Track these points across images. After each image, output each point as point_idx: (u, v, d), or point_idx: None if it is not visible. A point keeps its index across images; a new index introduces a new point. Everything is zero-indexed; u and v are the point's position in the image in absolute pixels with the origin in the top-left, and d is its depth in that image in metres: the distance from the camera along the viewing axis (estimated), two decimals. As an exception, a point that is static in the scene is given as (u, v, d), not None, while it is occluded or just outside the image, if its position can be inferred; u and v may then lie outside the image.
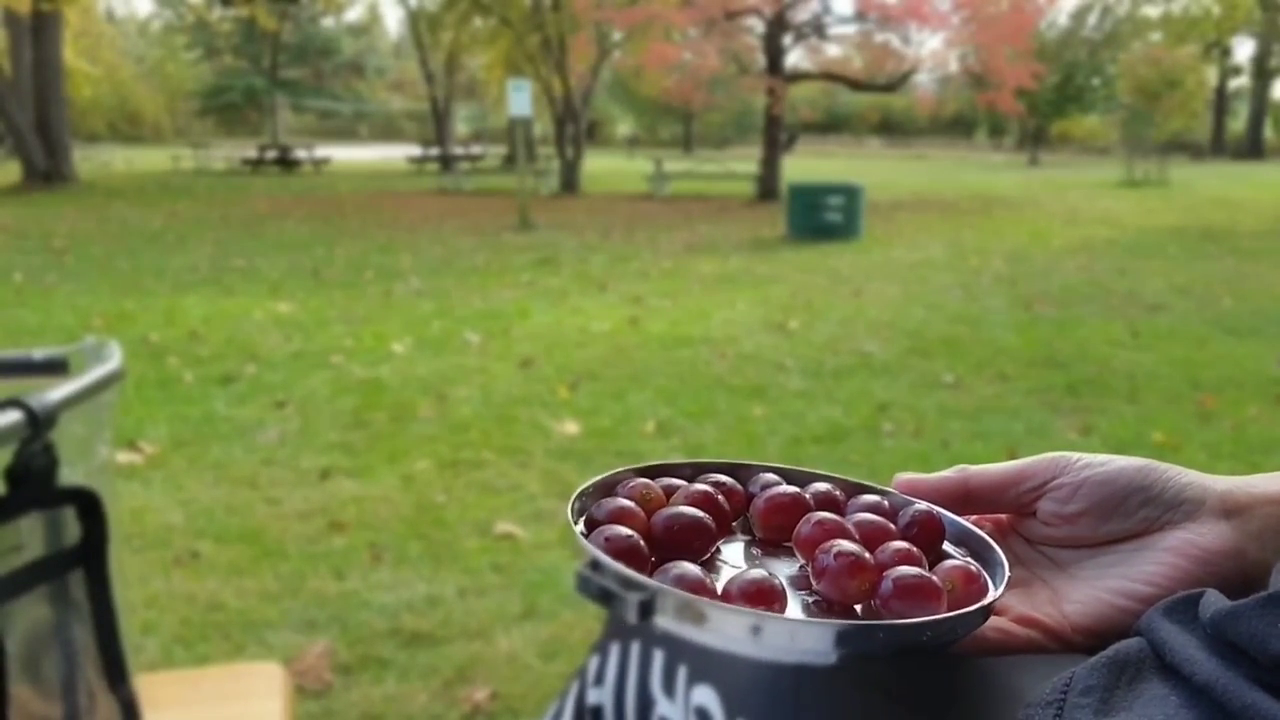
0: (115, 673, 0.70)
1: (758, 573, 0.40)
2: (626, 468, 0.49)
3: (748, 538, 0.48)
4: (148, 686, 0.87)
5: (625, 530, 0.42)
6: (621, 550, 0.41)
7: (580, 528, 0.43)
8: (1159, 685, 0.35)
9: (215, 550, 3.01)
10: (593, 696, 0.54)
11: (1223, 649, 0.34)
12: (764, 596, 0.39)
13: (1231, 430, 4.22)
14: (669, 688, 0.47)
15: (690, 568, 0.40)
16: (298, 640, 2.48)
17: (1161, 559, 0.43)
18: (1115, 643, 0.39)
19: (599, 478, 0.48)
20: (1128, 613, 0.42)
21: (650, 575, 0.39)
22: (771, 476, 0.51)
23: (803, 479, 0.51)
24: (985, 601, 0.40)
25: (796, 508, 0.46)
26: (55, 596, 0.65)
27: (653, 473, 0.50)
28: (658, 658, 0.48)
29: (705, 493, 0.47)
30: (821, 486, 0.50)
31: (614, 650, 0.53)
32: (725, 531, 0.47)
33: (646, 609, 0.37)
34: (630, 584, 0.38)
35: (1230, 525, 0.43)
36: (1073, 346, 5.80)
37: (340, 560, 2.94)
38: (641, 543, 0.42)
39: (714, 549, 0.45)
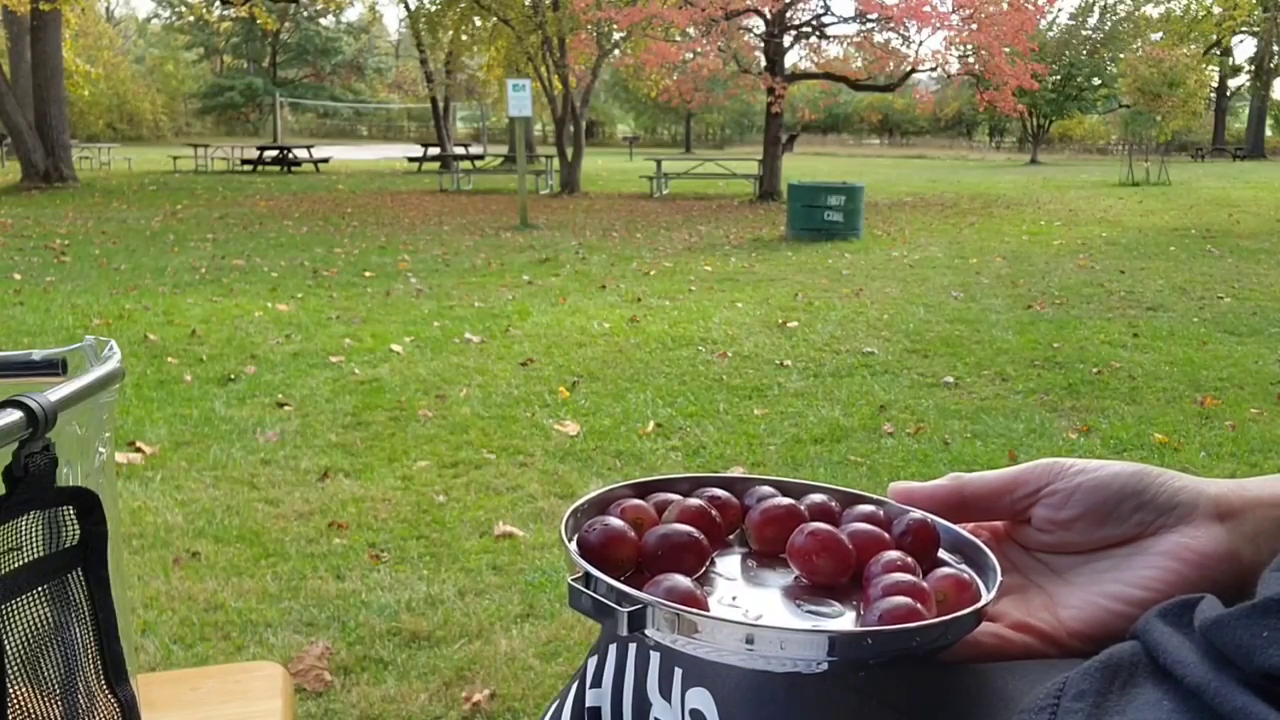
0: (115, 673, 0.70)
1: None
2: (621, 483, 0.50)
3: (744, 550, 0.48)
4: (147, 686, 0.87)
5: (617, 544, 0.43)
6: (612, 564, 0.42)
7: (574, 545, 0.44)
8: (1152, 690, 0.35)
9: (215, 550, 3.01)
10: (591, 698, 0.54)
11: (1215, 652, 0.34)
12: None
13: (1232, 430, 4.22)
14: (665, 690, 0.47)
15: (681, 580, 0.40)
16: (297, 640, 2.48)
17: (1156, 563, 0.43)
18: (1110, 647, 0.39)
19: (593, 494, 0.48)
20: (1123, 617, 0.42)
21: (642, 588, 0.40)
22: (768, 489, 0.51)
23: (799, 491, 0.51)
24: (975, 606, 0.41)
25: (791, 519, 0.47)
26: (54, 597, 0.65)
27: (648, 488, 0.50)
28: (654, 660, 0.49)
29: (699, 507, 0.47)
30: (817, 498, 0.50)
31: (612, 652, 0.53)
32: (720, 546, 0.48)
33: (636, 621, 0.38)
34: (621, 597, 0.38)
35: (1224, 528, 0.43)
36: (1073, 346, 5.80)
37: (340, 560, 2.94)
38: (634, 558, 0.43)
39: (708, 563, 0.45)
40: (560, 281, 8.19)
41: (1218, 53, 44.86)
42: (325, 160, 27.15)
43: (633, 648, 0.52)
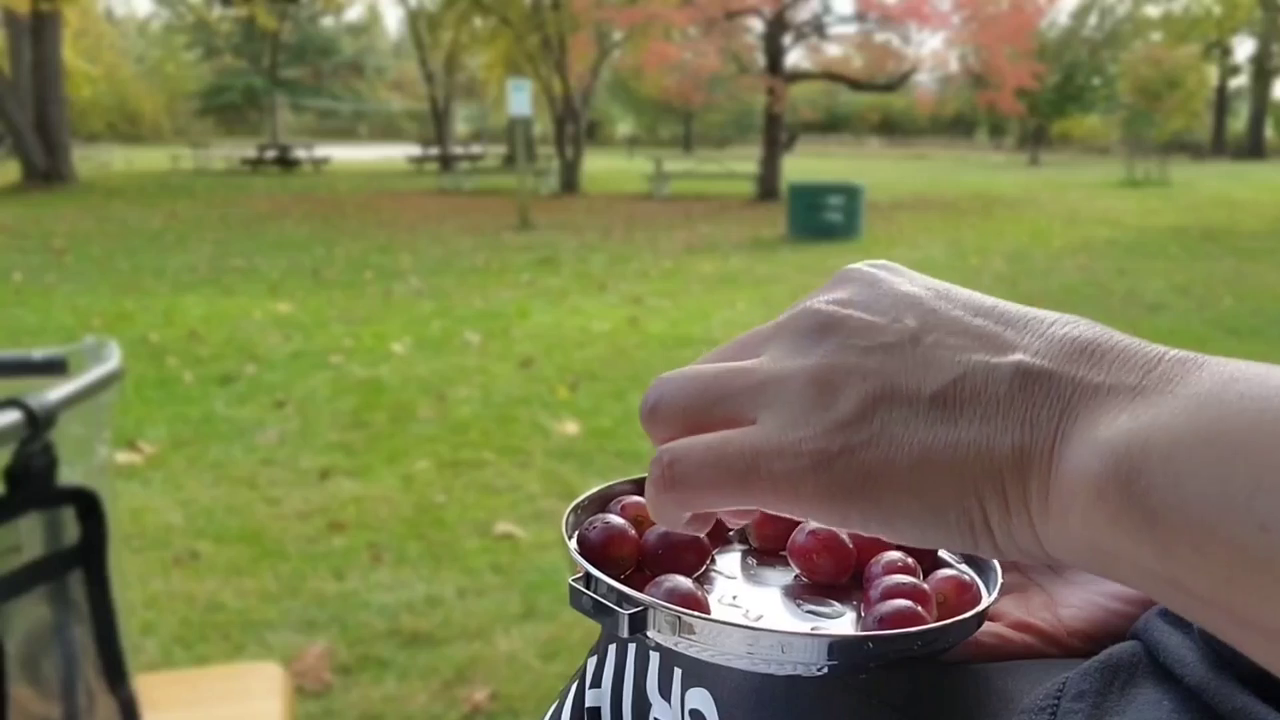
0: (115, 673, 0.70)
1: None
2: (621, 480, 0.49)
3: (744, 547, 0.48)
4: (147, 686, 0.87)
5: (618, 543, 0.43)
6: (613, 563, 0.41)
7: (574, 543, 0.43)
8: (1152, 689, 0.35)
9: (215, 550, 3.01)
10: (590, 699, 0.54)
11: (1215, 652, 0.34)
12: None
13: (1231, 430, 4.22)
14: (665, 691, 0.47)
15: (682, 581, 0.40)
16: (298, 640, 2.48)
17: (1157, 561, 0.43)
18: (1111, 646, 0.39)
19: (593, 490, 0.48)
20: (1123, 616, 0.42)
21: (643, 589, 0.39)
22: None
23: None
24: (976, 610, 0.40)
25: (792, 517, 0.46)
26: (55, 596, 0.65)
27: None
28: (654, 660, 0.48)
29: None
30: None
31: (611, 652, 0.53)
32: (720, 543, 0.47)
33: (637, 623, 0.37)
34: (622, 599, 0.38)
35: None
36: (1072, 347, 5.80)
37: (340, 560, 2.94)
38: (635, 556, 0.43)
39: (709, 561, 0.45)
40: (560, 282, 8.19)
41: (1218, 53, 44.89)
42: (325, 160, 27.17)
43: (632, 648, 0.52)
